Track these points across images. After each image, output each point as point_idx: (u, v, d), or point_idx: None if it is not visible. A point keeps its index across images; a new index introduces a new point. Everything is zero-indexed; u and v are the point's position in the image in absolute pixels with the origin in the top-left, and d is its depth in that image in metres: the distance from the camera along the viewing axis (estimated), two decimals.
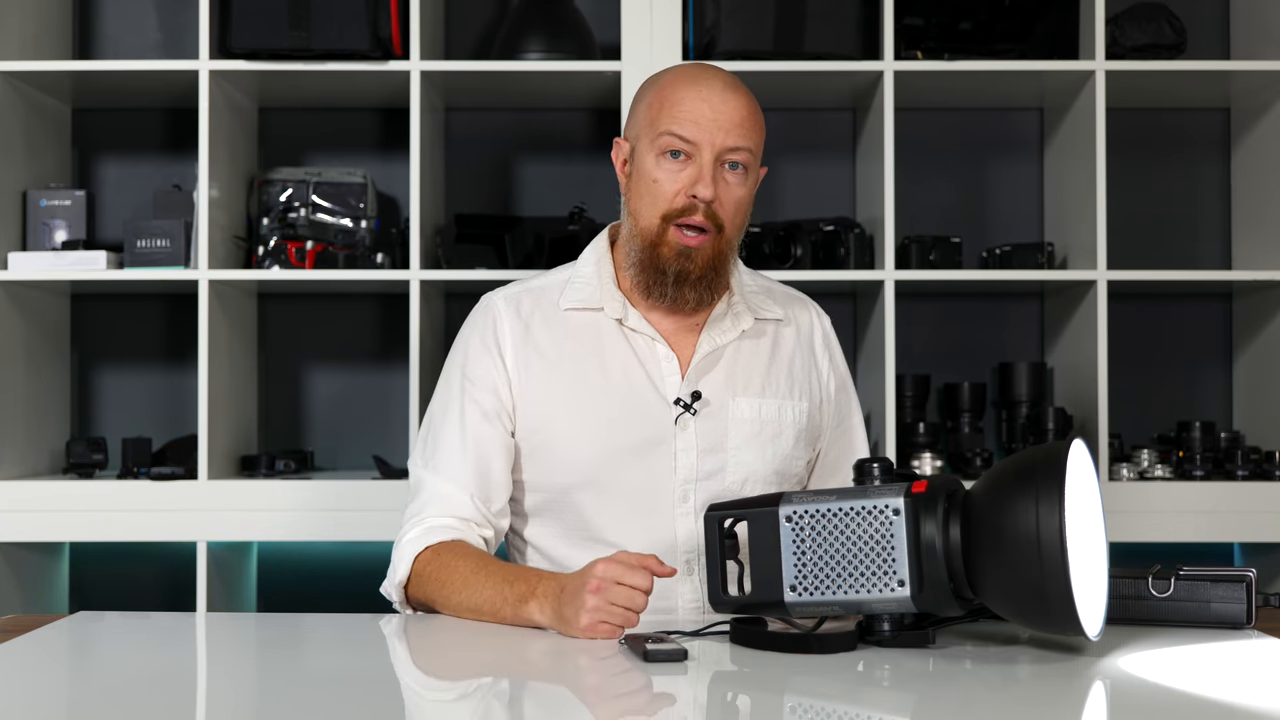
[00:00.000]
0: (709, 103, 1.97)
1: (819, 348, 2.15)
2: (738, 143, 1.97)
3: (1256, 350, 3.37)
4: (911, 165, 3.39)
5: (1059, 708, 1.50)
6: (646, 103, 2.02)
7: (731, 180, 1.99)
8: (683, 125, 1.97)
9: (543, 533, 2.06)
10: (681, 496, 2.01)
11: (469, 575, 1.89)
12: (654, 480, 2.00)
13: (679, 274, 1.99)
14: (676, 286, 2.00)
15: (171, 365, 3.45)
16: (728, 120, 1.97)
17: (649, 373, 2.03)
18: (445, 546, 1.95)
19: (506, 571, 1.88)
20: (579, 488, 2.02)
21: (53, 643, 1.81)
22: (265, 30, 3.05)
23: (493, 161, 3.48)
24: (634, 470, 2.00)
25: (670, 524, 2.01)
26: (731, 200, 1.99)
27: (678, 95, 1.99)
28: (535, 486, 2.05)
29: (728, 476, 2.02)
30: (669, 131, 1.97)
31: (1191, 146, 3.51)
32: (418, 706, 1.56)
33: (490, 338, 2.06)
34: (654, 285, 2.01)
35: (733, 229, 2.01)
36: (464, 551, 1.93)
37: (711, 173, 1.96)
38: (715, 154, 1.97)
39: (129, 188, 3.45)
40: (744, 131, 1.98)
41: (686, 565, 2.01)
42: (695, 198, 1.96)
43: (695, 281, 1.99)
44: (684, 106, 1.97)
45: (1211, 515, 3.08)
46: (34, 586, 3.23)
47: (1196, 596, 1.82)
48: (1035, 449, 1.65)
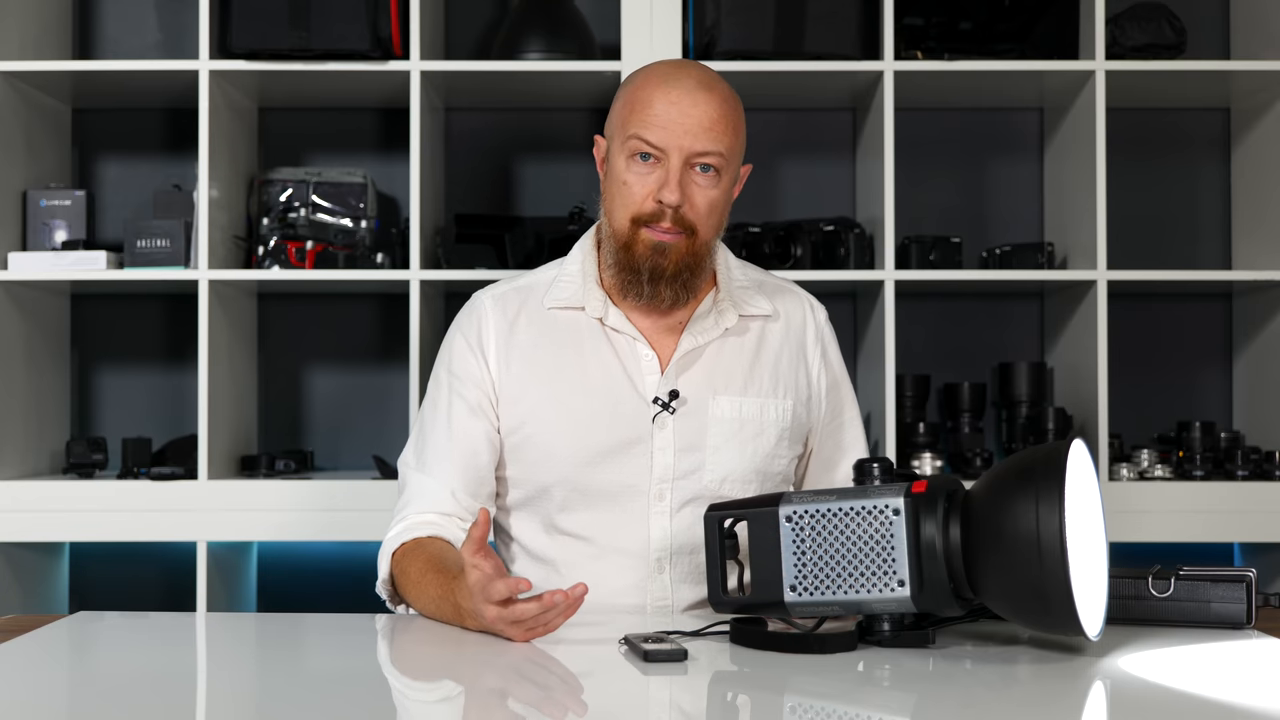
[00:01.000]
0: (678, 106, 1.95)
1: (810, 344, 2.14)
2: (706, 147, 1.95)
3: (1256, 350, 3.37)
4: (911, 165, 3.39)
5: (1059, 708, 1.50)
6: (621, 103, 2.01)
7: (702, 183, 1.96)
8: (650, 130, 1.95)
9: (525, 527, 2.08)
10: (658, 495, 2.02)
11: (419, 578, 1.90)
12: (630, 479, 2.01)
13: (653, 271, 1.98)
14: (652, 284, 1.99)
15: (171, 365, 3.45)
16: (695, 124, 1.94)
17: (628, 371, 2.03)
18: (411, 546, 1.97)
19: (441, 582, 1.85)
20: (557, 485, 2.03)
21: (53, 643, 1.81)
22: (265, 30, 3.05)
23: (493, 161, 3.48)
24: (611, 468, 2.01)
25: (645, 522, 2.02)
26: (703, 203, 1.97)
27: (647, 97, 1.97)
28: (517, 483, 2.06)
29: (705, 475, 2.03)
30: (637, 135, 1.96)
31: (1191, 146, 3.51)
32: (416, 707, 1.56)
33: (474, 336, 2.07)
34: (630, 285, 2.01)
35: (707, 230, 1.99)
36: (418, 554, 1.94)
37: (679, 177, 1.94)
38: (683, 158, 1.95)
39: (129, 188, 3.45)
40: (714, 135, 1.95)
41: (658, 564, 2.02)
42: (662, 203, 1.96)
43: (670, 279, 1.99)
44: (652, 110, 1.95)
45: (1211, 515, 3.08)
46: (34, 586, 3.23)
47: (1196, 596, 1.82)
48: (1035, 449, 1.65)
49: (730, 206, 2.04)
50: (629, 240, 1.99)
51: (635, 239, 1.98)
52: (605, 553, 2.02)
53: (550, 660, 1.68)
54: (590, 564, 2.02)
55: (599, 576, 1.98)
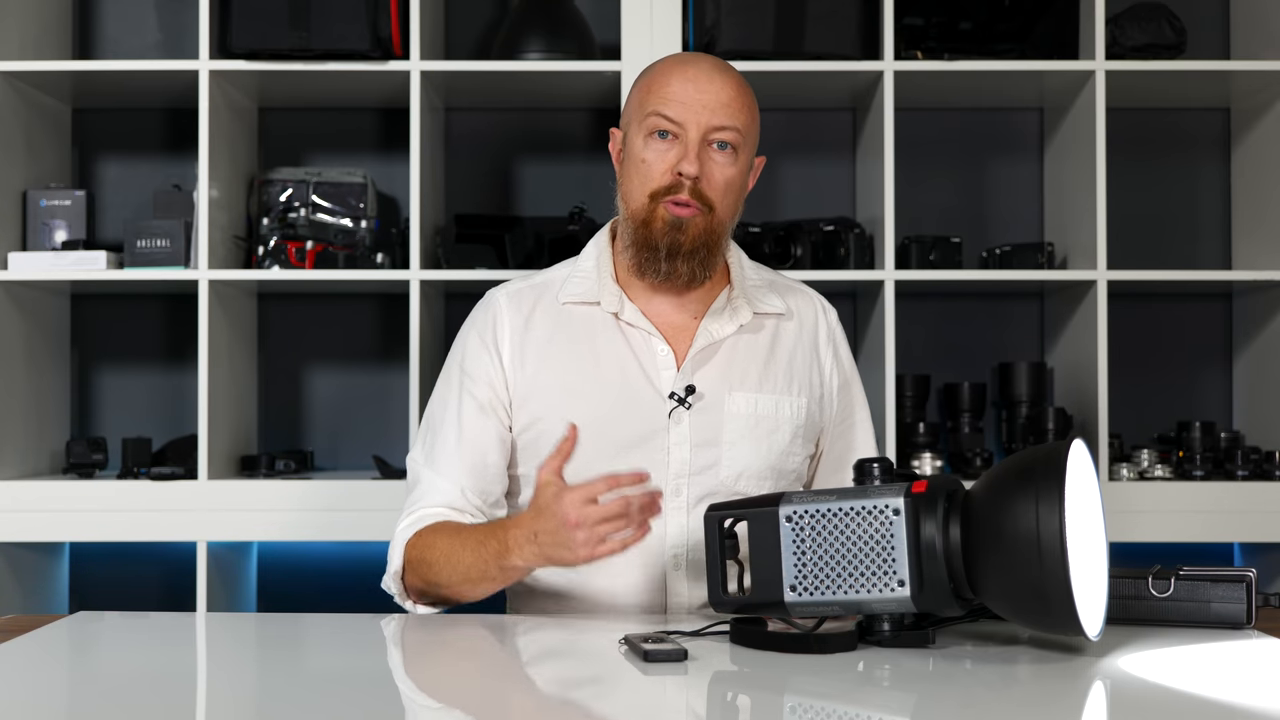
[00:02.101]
0: (695, 83, 1.99)
1: (822, 343, 2.15)
2: (724, 122, 1.98)
3: (1256, 350, 3.37)
4: (911, 165, 3.39)
5: (1059, 708, 1.50)
6: (638, 89, 2.05)
7: (720, 160, 1.99)
8: (669, 105, 1.98)
9: None
10: (674, 490, 2.01)
11: (448, 549, 1.91)
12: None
13: (671, 247, 1.99)
14: (669, 261, 2.00)
15: (171, 365, 3.45)
16: (713, 100, 1.98)
17: (644, 366, 2.03)
18: (426, 530, 1.98)
19: (478, 532, 1.90)
20: (572, 481, 2.01)
21: (53, 643, 1.81)
22: (265, 30, 3.05)
23: (493, 161, 3.48)
24: (626, 464, 2.00)
25: (661, 519, 2.01)
26: (721, 179, 1.99)
27: (665, 78, 2.01)
28: (531, 480, 2.05)
29: (721, 471, 2.03)
30: (655, 112, 1.99)
31: (1191, 146, 3.51)
32: (416, 707, 1.56)
33: (489, 334, 2.07)
34: (648, 263, 2.02)
35: (724, 209, 2.01)
36: (440, 528, 1.96)
37: (697, 150, 1.97)
38: (701, 133, 1.98)
39: (129, 188, 3.45)
40: (731, 111, 1.99)
41: (674, 560, 2.02)
42: (681, 175, 1.97)
43: (688, 255, 2.00)
44: (671, 88, 1.99)
45: (1211, 515, 3.08)
46: (34, 586, 3.23)
47: (1196, 596, 1.82)
48: (1035, 449, 1.65)
49: (745, 194, 2.06)
50: (647, 216, 2.00)
51: (654, 215, 1.99)
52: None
53: (551, 660, 1.68)
54: (606, 562, 1.98)
55: (615, 574, 1.98)
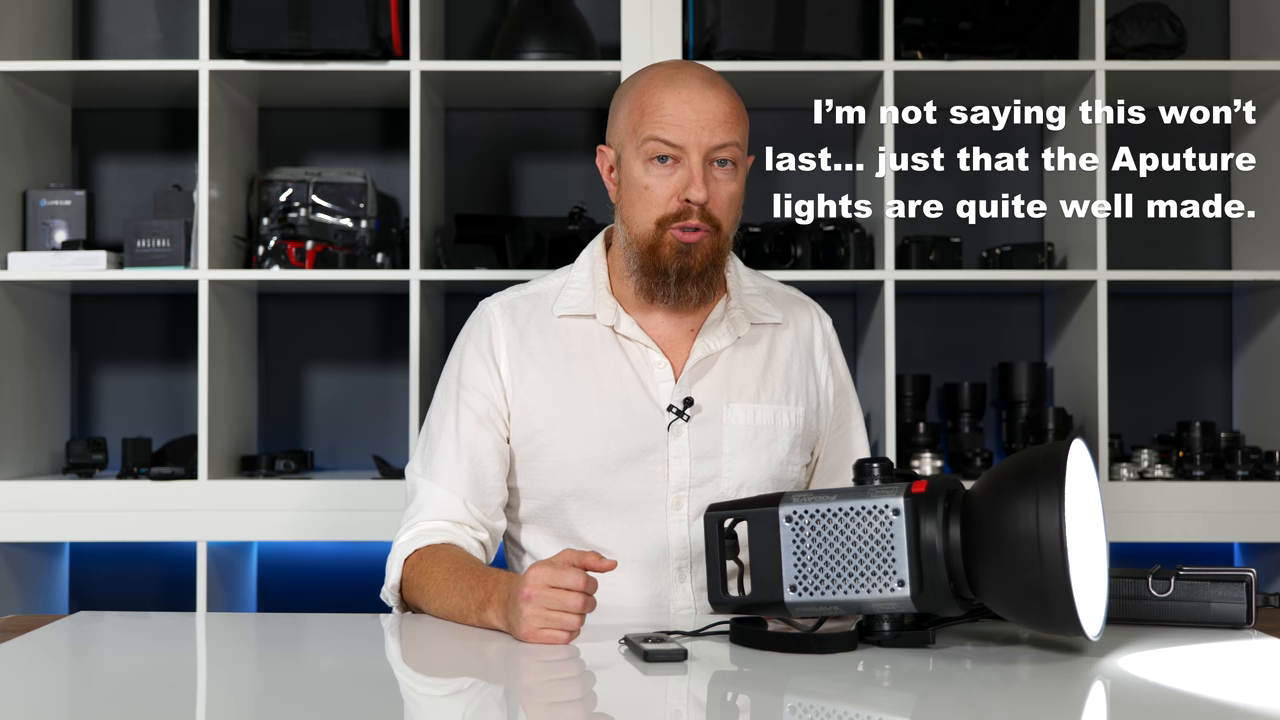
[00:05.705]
0: (690, 103, 1.96)
1: (818, 351, 2.14)
2: (724, 139, 1.96)
3: (1256, 350, 3.37)
4: (911, 165, 3.38)
5: (1059, 708, 1.50)
6: (627, 109, 2.01)
7: (722, 177, 1.98)
8: (667, 130, 1.95)
9: (538, 539, 2.06)
10: (674, 503, 2.00)
11: (441, 581, 1.89)
12: (646, 487, 2.00)
13: (681, 271, 1.98)
14: (679, 285, 1.99)
15: (171, 365, 3.45)
16: (710, 118, 1.96)
17: (641, 379, 2.02)
18: (428, 551, 1.95)
19: (471, 577, 1.86)
20: (572, 495, 2.01)
21: (53, 643, 1.81)
22: (265, 30, 3.05)
23: (493, 161, 3.48)
24: (626, 477, 2.00)
25: (663, 531, 2.00)
26: (725, 197, 1.98)
27: (657, 99, 1.97)
28: (530, 494, 2.04)
29: (722, 483, 2.01)
30: (654, 137, 1.96)
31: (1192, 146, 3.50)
32: (416, 707, 1.56)
33: (485, 345, 2.05)
34: (657, 288, 2.00)
35: (729, 225, 2.00)
36: (442, 556, 1.93)
37: (702, 174, 1.95)
38: (703, 154, 1.95)
39: (129, 188, 3.45)
40: (728, 127, 1.97)
41: (679, 572, 2.01)
42: (689, 201, 1.96)
43: (697, 278, 1.99)
44: (665, 110, 1.96)
45: (1211, 515, 3.08)
46: (34, 586, 3.23)
47: (1196, 596, 1.82)
48: (1035, 449, 1.65)
49: (743, 200, 2.05)
50: (654, 243, 1.98)
51: (661, 241, 1.98)
52: (624, 564, 1.97)
53: (551, 660, 1.68)
54: (610, 576, 1.93)
55: (619, 589, 1.97)
